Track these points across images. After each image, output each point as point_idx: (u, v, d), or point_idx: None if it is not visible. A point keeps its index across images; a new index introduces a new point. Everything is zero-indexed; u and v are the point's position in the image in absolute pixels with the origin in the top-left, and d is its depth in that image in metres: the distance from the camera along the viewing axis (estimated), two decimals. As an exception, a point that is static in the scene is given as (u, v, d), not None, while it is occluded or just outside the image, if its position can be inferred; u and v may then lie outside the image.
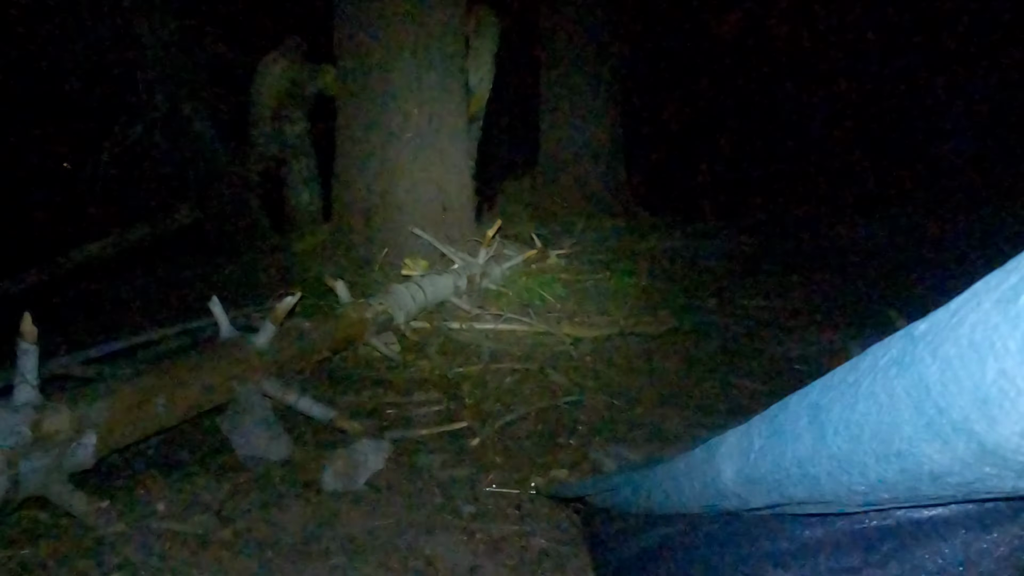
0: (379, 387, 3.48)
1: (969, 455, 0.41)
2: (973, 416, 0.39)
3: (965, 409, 0.40)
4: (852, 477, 0.53)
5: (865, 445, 0.50)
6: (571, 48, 7.55)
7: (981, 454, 0.41)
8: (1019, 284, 0.38)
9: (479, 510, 2.51)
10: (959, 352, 0.40)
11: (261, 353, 2.99)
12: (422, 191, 5.08)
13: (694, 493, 0.92)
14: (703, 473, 0.87)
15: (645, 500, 1.26)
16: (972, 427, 0.40)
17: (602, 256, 5.93)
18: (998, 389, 0.37)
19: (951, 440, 0.42)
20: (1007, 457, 0.39)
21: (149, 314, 4.33)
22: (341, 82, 5.31)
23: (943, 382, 0.41)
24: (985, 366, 0.38)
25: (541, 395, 3.45)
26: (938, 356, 0.42)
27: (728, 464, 0.77)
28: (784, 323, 4.46)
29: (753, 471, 0.70)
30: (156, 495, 2.44)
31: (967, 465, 0.42)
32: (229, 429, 2.85)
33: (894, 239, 6.49)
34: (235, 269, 5.22)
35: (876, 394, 0.49)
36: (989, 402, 0.38)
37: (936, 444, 0.43)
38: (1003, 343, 0.37)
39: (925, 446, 0.44)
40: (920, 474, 0.46)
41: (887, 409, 0.47)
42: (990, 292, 0.40)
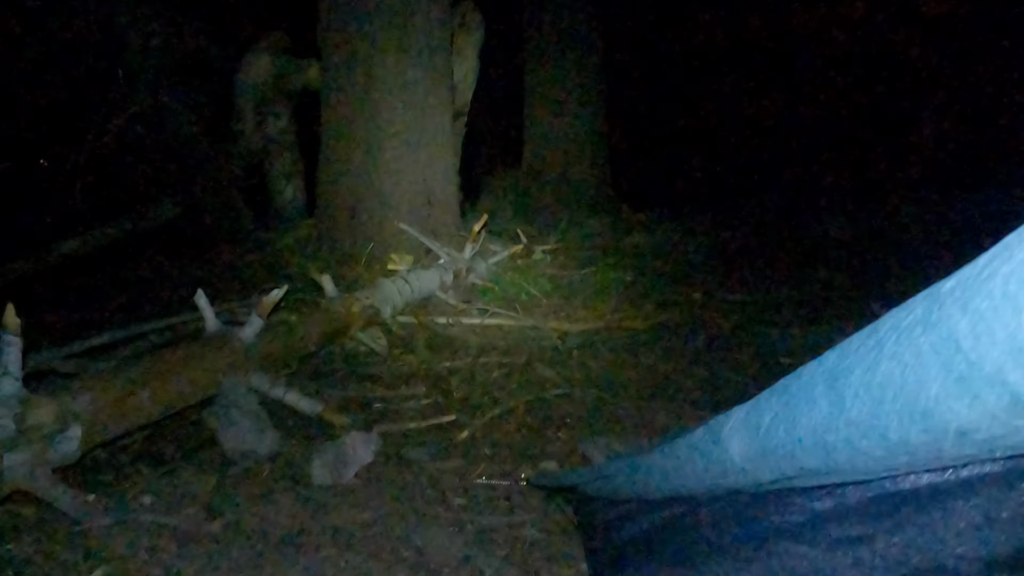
0: (366, 381, 3.47)
1: (1001, 408, 0.42)
2: (1008, 367, 0.39)
3: (999, 361, 0.40)
4: (871, 442, 0.53)
5: (887, 407, 0.50)
6: (555, 44, 7.56)
7: (1014, 406, 0.41)
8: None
9: (469, 502, 2.50)
10: (992, 304, 0.40)
11: (248, 346, 2.96)
12: (407, 186, 5.06)
13: (697, 473, 0.92)
14: (707, 452, 0.87)
15: (642, 485, 1.26)
16: (1006, 378, 0.40)
17: (587, 251, 5.94)
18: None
19: (982, 394, 0.42)
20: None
21: (132, 309, 4.28)
22: (325, 77, 5.28)
23: (975, 335, 0.41)
24: (1021, 316, 0.38)
25: (529, 388, 3.45)
26: (968, 310, 0.42)
27: (736, 440, 0.78)
28: (769, 317, 4.49)
29: (763, 444, 0.70)
30: (142, 489, 2.42)
31: (997, 419, 0.43)
32: (216, 423, 2.82)
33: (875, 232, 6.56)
34: (218, 264, 5.17)
35: (900, 354, 0.49)
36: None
37: (965, 399, 0.43)
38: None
39: (953, 402, 0.44)
40: (946, 432, 0.46)
41: (912, 368, 0.47)
42: (1022, 241, 0.40)
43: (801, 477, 0.70)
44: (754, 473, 0.76)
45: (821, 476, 0.67)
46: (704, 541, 1.02)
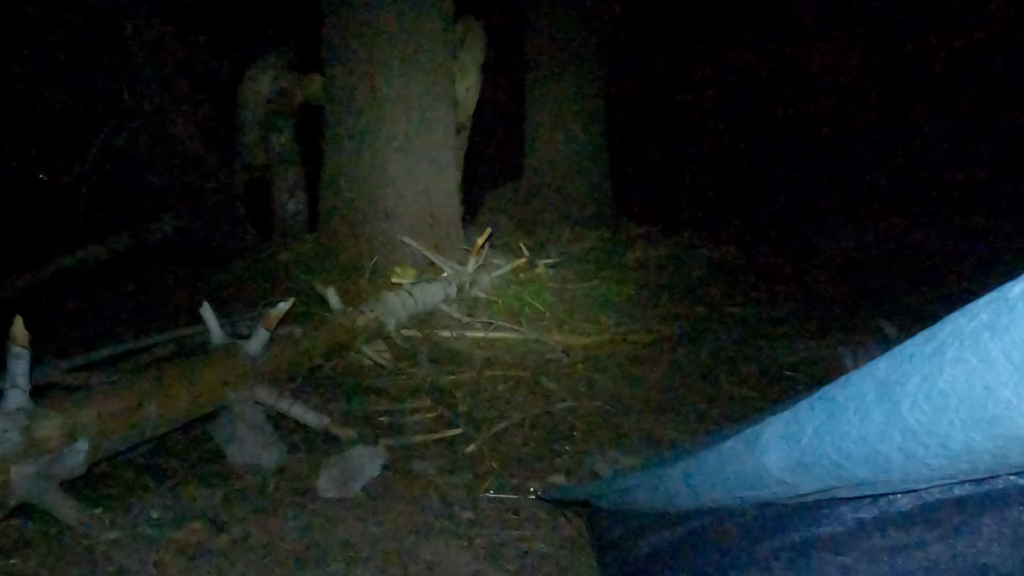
0: (371, 394, 3.45)
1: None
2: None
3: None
4: (930, 449, 0.53)
5: (951, 414, 0.49)
6: (556, 60, 7.60)
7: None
8: None
9: (478, 516, 2.48)
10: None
11: (253, 359, 2.95)
12: (411, 200, 5.07)
13: (728, 485, 0.91)
14: (740, 464, 0.86)
15: (664, 497, 1.24)
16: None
17: (589, 266, 5.94)
18: (1122, 340, 0.37)
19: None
20: (1125, 411, 0.39)
21: (137, 322, 4.26)
22: (329, 91, 5.29)
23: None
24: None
25: (535, 402, 3.44)
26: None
27: (773, 451, 0.77)
28: (772, 331, 4.48)
29: (805, 455, 0.70)
30: (149, 503, 2.39)
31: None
32: (221, 436, 2.81)
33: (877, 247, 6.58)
34: (222, 278, 5.16)
35: (966, 359, 0.48)
36: (1112, 353, 0.38)
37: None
38: None
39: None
40: (1015, 439, 0.46)
41: (979, 373, 0.47)
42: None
43: (844, 488, 0.69)
44: (794, 485, 0.75)
45: (867, 486, 0.66)
46: (733, 554, 1.01)
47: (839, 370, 3.70)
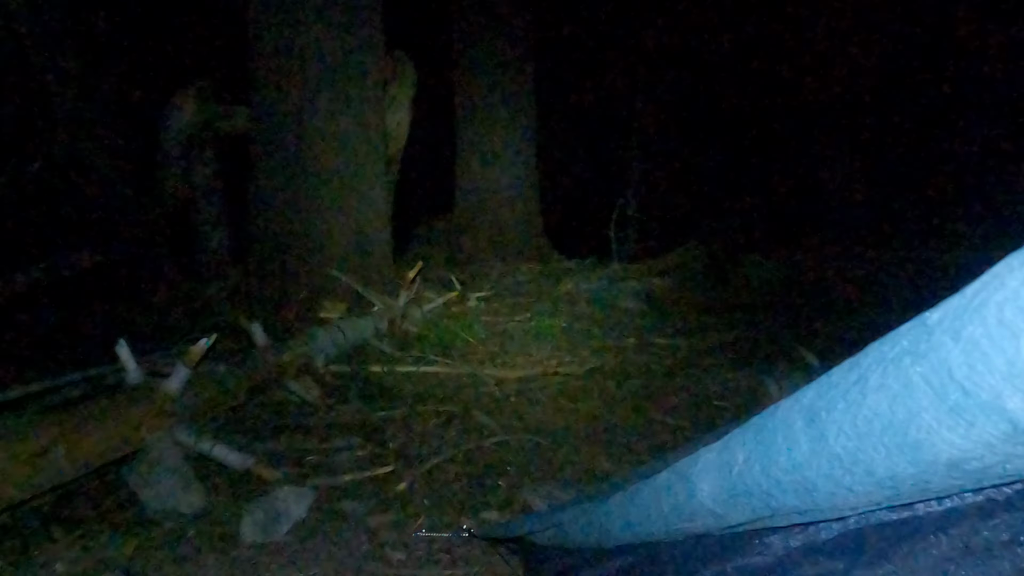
0: (299, 433, 3.35)
1: (997, 436, 0.42)
2: (1006, 393, 0.40)
3: (996, 388, 0.40)
4: (856, 476, 0.53)
5: (875, 440, 0.50)
6: (486, 94, 7.67)
7: (1011, 433, 0.41)
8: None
9: (409, 556, 2.42)
10: (986, 332, 0.41)
11: (172, 399, 2.82)
12: (340, 233, 4.99)
13: (662, 517, 0.90)
14: (674, 495, 0.86)
15: (599, 532, 1.23)
16: (1004, 405, 0.40)
17: (521, 299, 5.96)
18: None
19: (978, 422, 0.42)
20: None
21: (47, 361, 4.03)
22: (256, 123, 5.20)
23: (969, 364, 0.42)
24: (1019, 340, 0.39)
25: (467, 437, 3.40)
26: (961, 339, 0.43)
27: (706, 481, 0.77)
28: (701, 362, 4.57)
29: (736, 485, 0.70)
30: (55, 555, 2.24)
31: (991, 447, 0.43)
32: (136, 481, 2.66)
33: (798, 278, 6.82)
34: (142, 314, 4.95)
35: (888, 386, 0.49)
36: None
37: (960, 429, 0.43)
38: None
39: (947, 432, 0.44)
40: (936, 464, 0.47)
41: (901, 399, 0.47)
42: (1013, 270, 0.41)
43: (775, 517, 0.69)
44: (725, 515, 0.75)
45: (797, 515, 0.67)
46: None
47: (765, 398, 3.79)
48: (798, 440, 0.59)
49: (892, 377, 0.49)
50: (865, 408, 0.51)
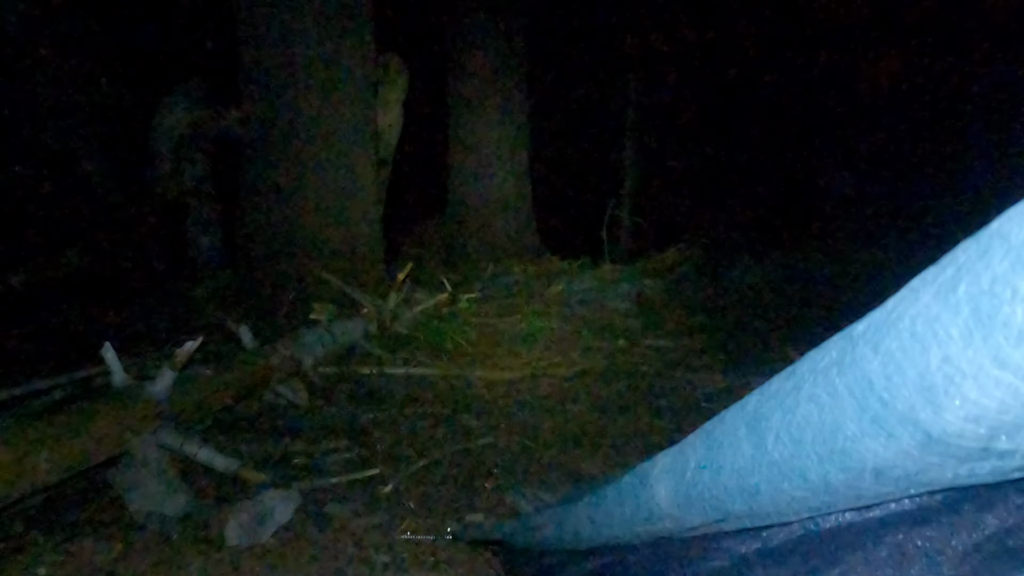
0: (286, 435, 3.35)
1: (914, 446, 0.43)
2: (918, 405, 0.41)
3: (910, 399, 0.41)
4: (793, 483, 0.54)
5: (807, 447, 0.51)
6: (479, 94, 7.69)
7: (926, 443, 0.42)
8: (956, 275, 0.40)
9: (394, 559, 2.42)
10: (901, 345, 0.42)
11: (158, 401, 2.82)
12: (330, 235, 5.00)
13: (624, 520, 0.91)
14: (635, 497, 0.87)
15: (571, 535, 1.24)
16: (917, 416, 0.41)
17: (512, 300, 5.97)
18: (942, 375, 0.39)
19: (896, 432, 0.43)
20: (950, 443, 0.41)
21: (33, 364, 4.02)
22: (247, 124, 5.20)
23: (886, 375, 0.43)
24: (928, 355, 0.40)
25: (455, 439, 3.40)
26: (880, 351, 0.44)
27: (662, 484, 0.78)
28: (690, 363, 4.58)
29: (689, 489, 0.71)
30: (38, 558, 2.24)
31: (911, 456, 0.44)
32: (122, 484, 2.66)
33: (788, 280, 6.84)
34: (130, 316, 4.94)
35: (817, 395, 0.50)
36: (934, 389, 0.39)
37: (880, 438, 0.44)
38: (945, 331, 0.39)
39: (869, 441, 0.45)
40: (863, 471, 0.47)
41: (829, 409, 0.48)
42: (927, 286, 0.42)
43: (727, 521, 0.70)
44: (681, 519, 0.76)
45: (746, 519, 0.68)
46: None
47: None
48: (741, 446, 0.60)
49: (821, 387, 0.50)
50: (799, 416, 0.52)
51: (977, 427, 0.39)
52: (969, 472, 0.43)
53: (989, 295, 0.36)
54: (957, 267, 0.40)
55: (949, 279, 0.40)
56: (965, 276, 0.39)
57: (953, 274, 0.40)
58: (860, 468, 0.47)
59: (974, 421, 0.38)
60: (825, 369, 0.50)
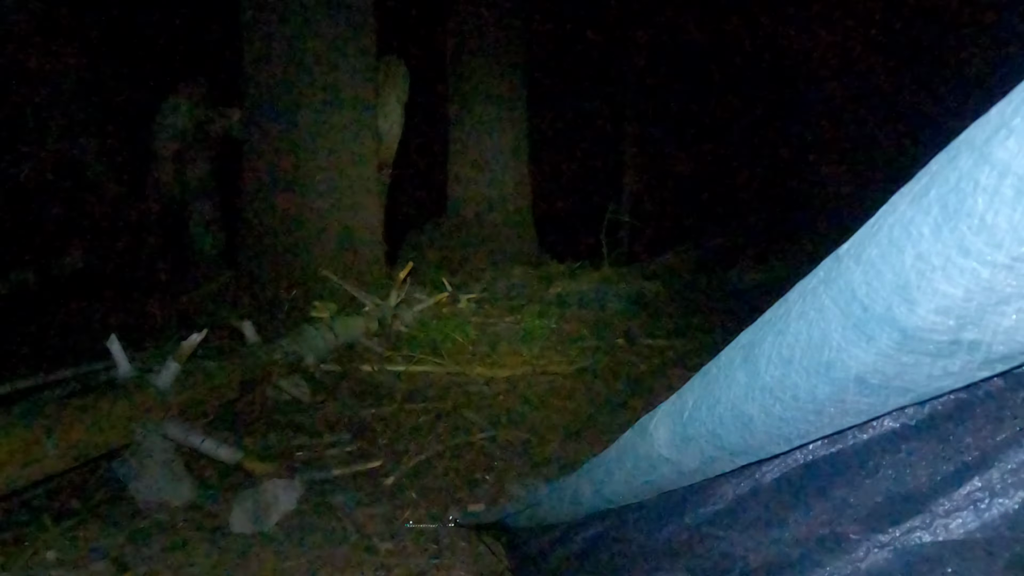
0: (289, 429, 3.38)
1: (891, 345, 0.46)
2: (895, 304, 0.44)
3: (887, 300, 0.45)
4: (784, 403, 0.57)
5: (796, 365, 0.54)
6: (479, 97, 7.74)
7: (902, 341, 0.45)
8: (929, 181, 0.43)
9: (396, 546, 2.45)
10: (880, 251, 0.45)
11: (163, 393, 2.85)
12: (332, 234, 5.04)
13: (626, 474, 0.94)
14: (635, 449, 0.90)
15: (570, 505, 1.27)
16: (894, 315, 0.45)
17: (511, 301, 6.00)
18: (915, 272, 0.42)
19: (875, 334, 0.47)
20: (923, 338, 0.44)
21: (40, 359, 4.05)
22: (249, 125, 5.25)
23: (867, 282, 0.46)
24: (903, 255, 0.43)
25: (455, 433, 3.43)
26: (862, 261, 0.47)
27: (662, 429, 0.81)
28: (687, 361, 4.62)
29: (687, 428, 0.74)
30: (46, 544, 2.27)
31: (889, 358, 0.47)
32: (127, 474, 2.69)
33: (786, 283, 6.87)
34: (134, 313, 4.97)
35: (806, 313, 0.53)
36: (908, 287, 0.43)
37: (862, 343, 0.48)
38: (918, 230, 0.42)
39: (852, 348, 0.49)
40: (847, 380, 0.51)
41: (816, 323, 0.52)
42: (904, 196, 0.46)
43: (723, 458, 0.74)
44: (679, 461, 0.79)
45: (740, 454, 0.71)
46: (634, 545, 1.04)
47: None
48: (736, 376, 0.64)
49: (809, 304, 0.53)
50: (788, 336, 0.55)
51: (946, 318, 0.42)
52: (942, 370, 0.47)
53: (955, 191, 0.40)
54: (930, 176, 0.44)
55: (923, 186, 0.44)
56: (936, 180, 0.42)
57: (926, 181, 0.44)
58: (844, 378, 0.51)
59: (943, 313, 0.42)
60: (813, 288, 0.54)
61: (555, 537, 1.46)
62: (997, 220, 0.37)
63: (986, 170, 0.38)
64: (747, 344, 0.64)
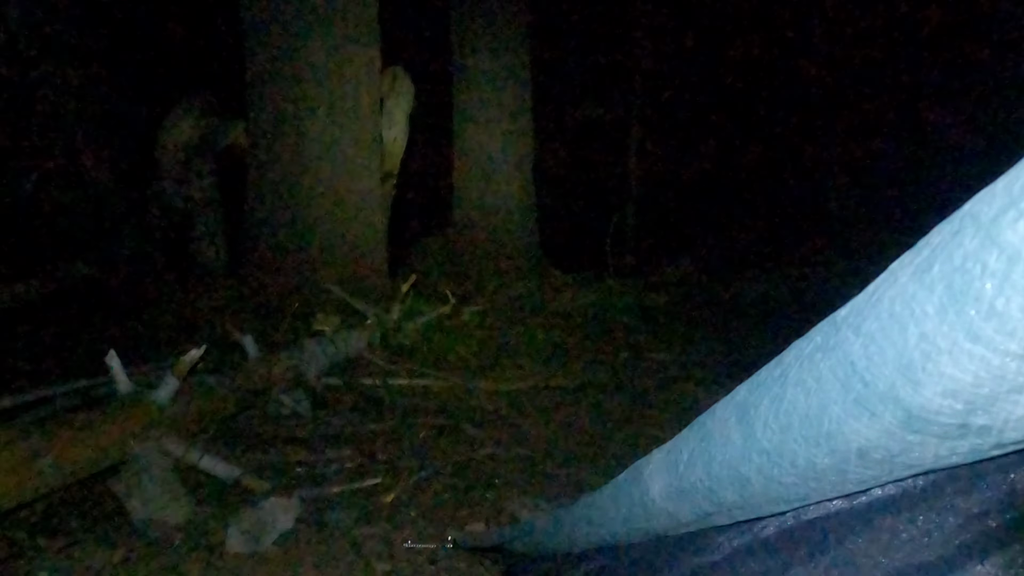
0: (288, 444, 3.35)
1: (895, 424, 0.44)
2: (898, 383, 0.42)
3: (890, 378, 0.42)
4: (782, 468, 0.55)
5: (795, 432, 0.52)
6: (484, 109, 7.74)
7: (906, 420, 0.43)
8: (931, 255, 0.41)
9: (394, 567, 2.42)
10: (880, 326, 0.43)
11: (162, 409, 2.84)
12: (335, 246, 5.03)
13: (620, 518, 0.92)
14: (629, 495, 0.88)
15: (567, 537, 1.25)
16: (897, 394, 0.42)
17: (515, 313, 5.97)
18: (920, 352, 0.40)
19: (878, 411, 0.44)
20: (929, 420, 0.42)
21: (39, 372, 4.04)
22: (253, 136, 5.24)
23: (867, 356, 0.44)
24: (906, 333, 0.41)
25: (457, 449, 3.40)
26: (861, 333, 0.45)
27: (656, 480, 0.78)
28: (692, 375, 4.58)
29: (682, 482, 0.72)
30: (39, 564, 2.25)
31: (893, 435, 0.45)
32: (123, 491, 2.67)
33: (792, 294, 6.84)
34: (135, 326, 4.96)
35: (804, 380, 0.51)
36: (912, 367, 0.40)
37: (864, 418, 0.45)
38: (921, 308, 0.40)
39: (853, 422, 0.46)
40: (848, 453, 0.48)
41: (815, 393, 0.49)
42: (905, 268, 0.43)
43: (720, 513, 0.71)
44: (675, 513, 0.77)
45: (738, 511, 0.68)
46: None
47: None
48: (731, 436, 0.61)
49: (807, 372, 0.51)
50: (786, 402, 0.53)
51: (954, 402, 0.40)
52: (949, 451, 0.44)
53: (961, 271, 0.37)
54: (932, 248, 0.41)
55: (925, 260, 0.41)
56: (939, 256, 0.40)
57: (928, 255, 0.41)
58: (845, 450, 0.48)
59: (951, 396, 0.39)
60: (810, 355, 0.51)
61: (552, 567, 1.43)
62: (1009, 308, 0.35)
63: (995, 253, 0.35)
64: (742, 403, 0.62)
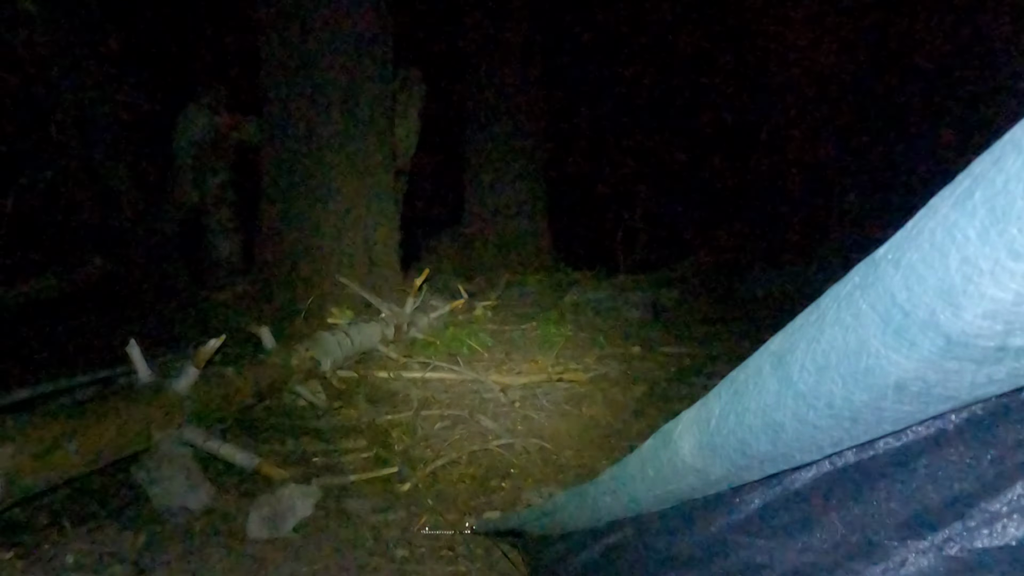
0: (306, 435, 3.38)
1: (935, 352, 0.45)
2: (939, 308, 0.43)
3: (931, 305, 0.44)
4: (818, 411, 0.56)
5: (832, 372, 0.53)
6: (495, 106, 7.76)
7: (946, 347, 0.44)
8: (972, 184, 0.42)
9: (412, 553, 2.44)
10: (922, 256, 0.44)
11: (182, 398, 2.87)
12: (348, 241, 5.06)
13: (647, 483, 0.93)
14: (657, 458, 0.89)
15: (590, 512, 1.26)
16: (938, 320, 0.44)
17: (527, 308, 5.99)
18: (961, 276, 0.41)
19: (917, 340, 0.46)
20: (969, 344, 0.43)
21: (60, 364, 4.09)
22: (267, 133, 5.28)
23: (907, 287, 0.45)
24: (947, 259, 0.42)
25: (472, 440, 3.43)
26: (901, 266, 0.46)
27: (687, 439, 0.80)
28: (704, 368, 4.59)
29: (714, 437, 0.73)
30: (65, 547, 2.28)
31: (931, 364, 0.46)
32: (145, 478, 2.71)
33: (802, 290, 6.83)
34: (152, 320, 5.01)
35: (842, 319, 0.52)
36: (953, 291, 0.42)
37: (903, 349, 0.47)
38: (963, 234, 0.41)
39: (892, 354, 0.48)
40: (886, 388, 0.50)
41: (853, 329, 0.51)
42: (945, 199, 0.45)
43: (751, 467, 0.72)
44: (705, 470, 0.78)
45: (769, 462, 0.70)
46: (655, 554, 1.03)
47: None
48: (766, 384, 0.63)
49: (845, 311, 0.52)
50: (823, 343, 0.54)
51: (994, 323, 0.41)
52: (987, 378, 0.46)
53: (1003, 193, 0.39)
54: (973, 178, 0.43)
55: (966, 189, 0.43)
56: (980, 183, 0.41)
57: (969, 184, 0.43)
58: (883, 385, 0.50)
59: (991, 317, 0.41)
60: (848, 294, 0.53)
61: (573, 545, 1.45)
62: (1051, 222, 0.36)
63: (1037, 171, 0.37)
64: (777, 351, 0.63)
